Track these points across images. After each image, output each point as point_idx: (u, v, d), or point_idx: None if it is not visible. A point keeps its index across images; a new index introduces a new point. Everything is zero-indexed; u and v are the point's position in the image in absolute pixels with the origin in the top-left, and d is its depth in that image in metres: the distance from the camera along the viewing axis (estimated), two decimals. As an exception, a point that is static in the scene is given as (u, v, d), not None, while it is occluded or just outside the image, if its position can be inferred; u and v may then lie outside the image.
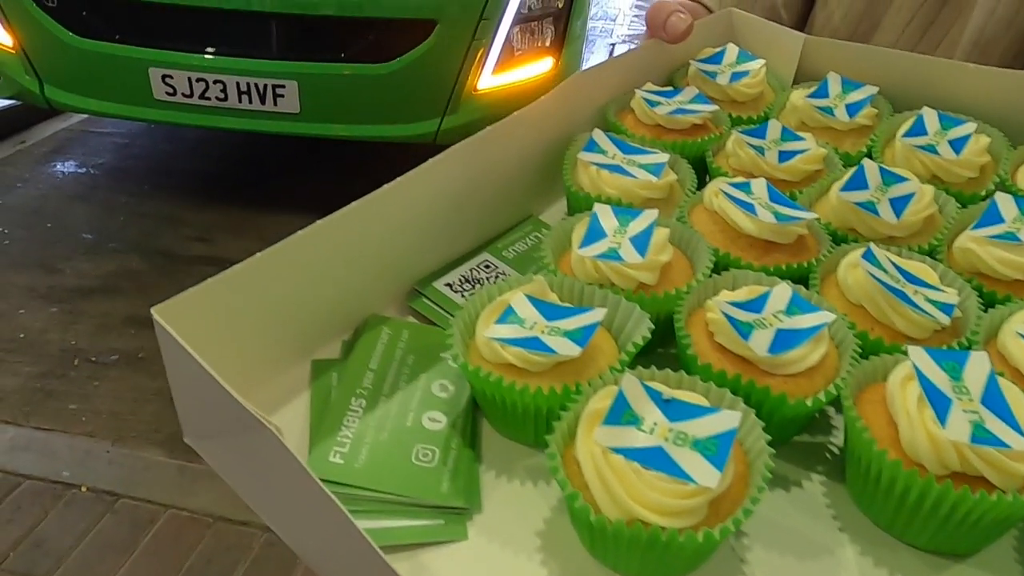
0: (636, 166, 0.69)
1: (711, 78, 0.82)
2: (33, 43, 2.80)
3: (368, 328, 0.61)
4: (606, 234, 0.60)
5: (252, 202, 3.21)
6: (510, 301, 0.54)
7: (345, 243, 0.57)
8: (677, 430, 0.44)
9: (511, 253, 0.71)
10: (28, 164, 3.39)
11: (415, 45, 2.67)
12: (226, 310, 0.50)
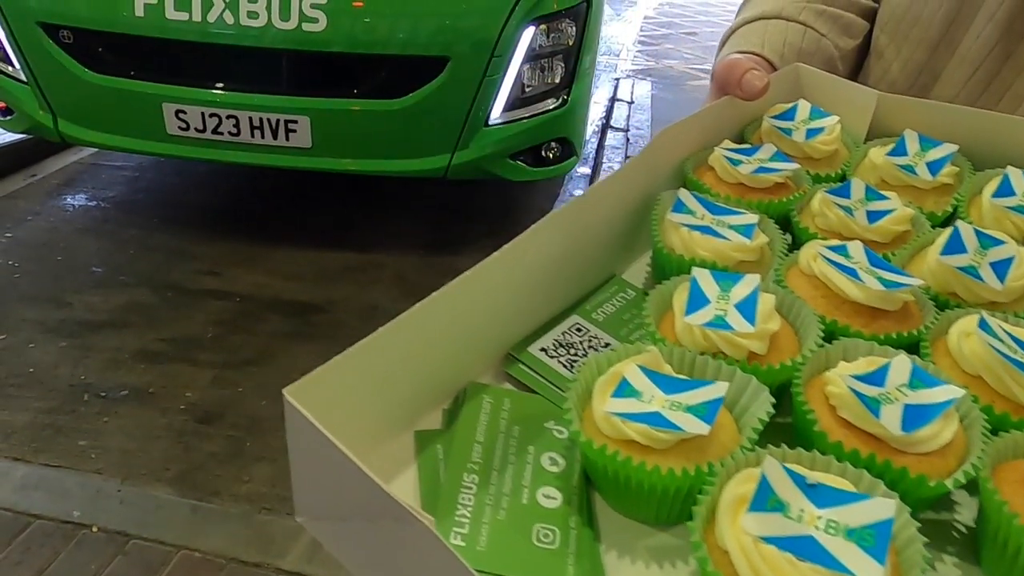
0: (726, 227, 0.67)
1: (786, 135, 0.81)
2: (48, 79, 2.83)
3: (469, 397, 0.60)
4: (709, 300, 0.59)
5: (262, 235, 3.22)
6: (624, 373, 0.53)
7: (451, 314, 0.56)
8: (827, 518, 0.42)
9: (600, 315, 0.69)
10: (39, 197, 3.41)
11: (427, 81, 2.70)
12: (344, 387, 0.50)
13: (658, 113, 5.02)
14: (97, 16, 2.67)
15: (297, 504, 0.47)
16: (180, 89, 2.72)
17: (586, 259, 0.69)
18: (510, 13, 2.64)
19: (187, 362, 2.42)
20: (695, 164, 0.79)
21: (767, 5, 0.82)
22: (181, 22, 2.61)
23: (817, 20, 0.80)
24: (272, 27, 2.59)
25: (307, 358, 2.46)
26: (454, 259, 3.18)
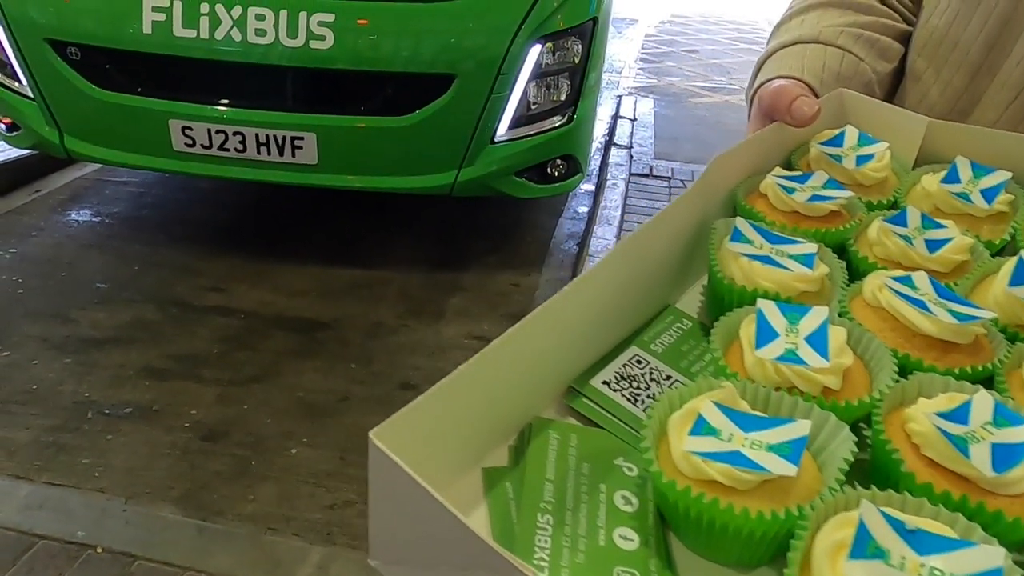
0: (786, 257, 0.66)
1: (836, 161, 0.80)
2: (55, 95, 2.83)
3: (535, 433, 0.58)
4: (778, 333, 0.57)
5: (266, 252, 3.21)
6: (700, 410, 0.52)
7: (519, 351, 0.55)
8: (931, 566, 0.41)
9: (659, 347, 0.68)
10: (43, 213, 3.41)
11: (434, 99, 2.70)
12: (425, 429, 0.49)
13: (661, 130, 5.04)
14: (105, 33, 2.68)
15: (373, 547, 0.46)
16: (187, 106, 2.73)
17: (642, 289, 0.68)
18: (517, 31, 2.65)
19: (192, 379, 2.41)
20: (746, 191, 0.78)
21: (803, 29, 0.81)
22: (189, 39, 2.61)
23: (855, 44, 0.80)
24: (280, 44, 2.59)
25: (312, 375, 2.46)
26: (459, 275, 3.17)
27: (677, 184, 3.90)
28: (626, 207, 3.54)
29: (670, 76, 7.13)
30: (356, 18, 2.61)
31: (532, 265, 3.33)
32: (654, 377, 0.63)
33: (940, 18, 0.77)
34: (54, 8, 2.70)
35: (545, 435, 0.58)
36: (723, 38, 9.67)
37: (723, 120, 5.62)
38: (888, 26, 0.82)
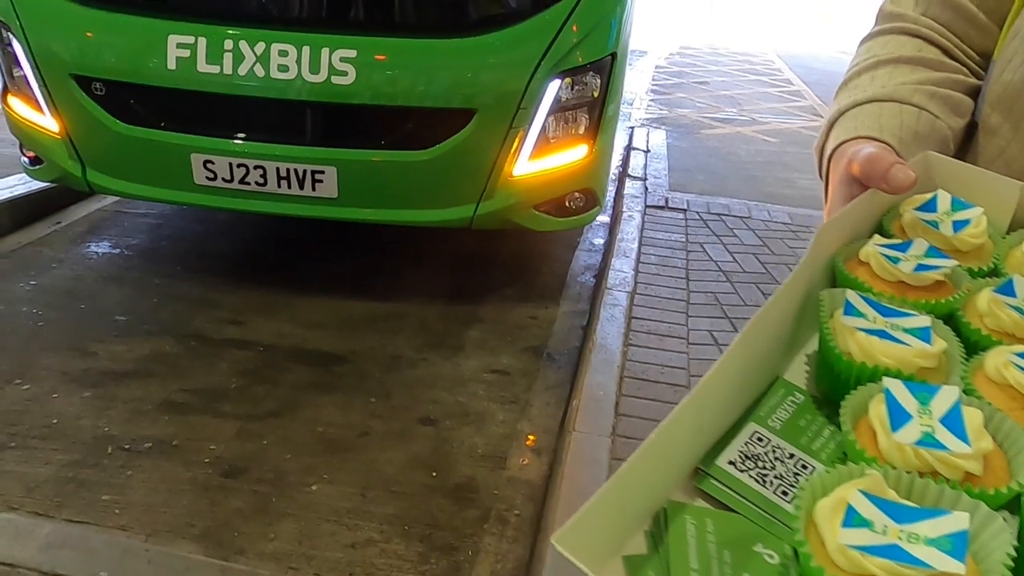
0: (901, 331, 0.65)
1: (933, 227, 0.78)
2: (79, 129, 2.86)
3: (671, 518, 0.57)
4: (911, 415, 0.56)
5: (284, 284, 3.22)
6: (847, 499, 0.50)
7: (662, 442, 0.54)
8: None
9: (776, 422, 0.67)
10: (63, 245, 3.43)
11: (454, 133, 2.72)
12: (604, 529, 0.49)
13: (674, 162, 5.06)
14: (130, 69, 2.71)
15: None
16: (209, 140, 2.75)
17: (756, 365, 0.67)
18: (537, 67, 2.67)
19: (211, 414, 2.40)
20: (845, 258, 0.76)
21: (874, 87, 0.81)
22: (212, 75, 2.64)
23: (930, 102, 0.79)
24: (302, 80, 2.62)
25: (331, 410, 2.44)
26: (476, 308, 3.17)
27: (693, 216, 3.90)
28: (643, 239, 3.54)
29: (681, 107, 7.17)
30: (377, 54, 2.64)
31: (549, 298, 3.32)
32: (778, 456, 0.62)
33: (1015, 73, 0.77)
34: (80, 44, 2.74)
35: (681, 520, 0.57)
36: (732, 69, 9.75)
37: (735, 151, 5.64)
38: (959, 81, 0.82)
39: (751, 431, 0.64)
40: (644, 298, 2.97)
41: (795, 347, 0.73)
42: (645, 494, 0.56)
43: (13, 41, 2.82)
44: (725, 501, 0.59)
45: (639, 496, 0.55)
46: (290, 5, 2.65)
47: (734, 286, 3.15)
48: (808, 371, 0.71)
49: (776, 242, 3.64)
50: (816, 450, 0.62)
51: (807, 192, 4.62)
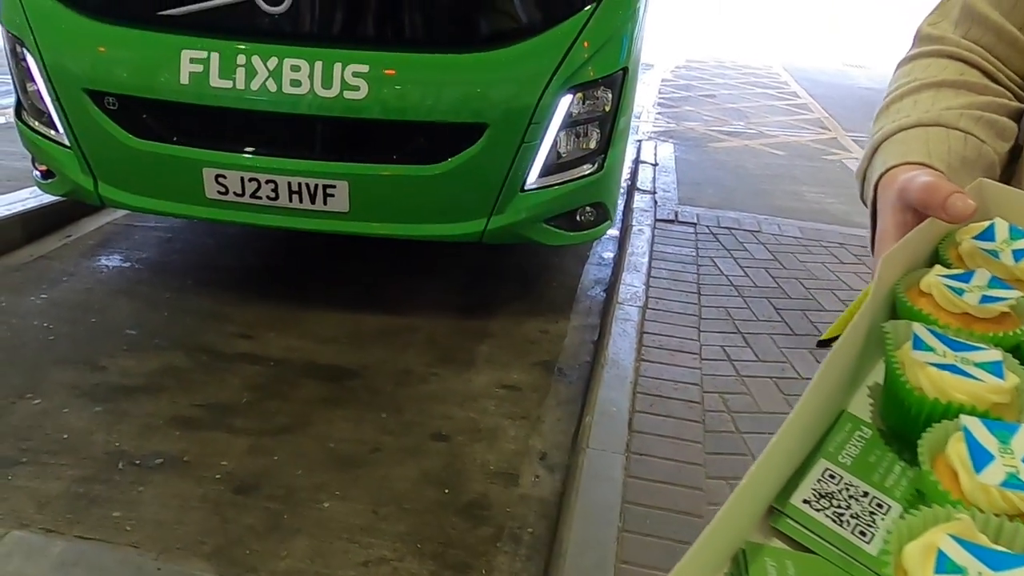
0: (972, 365, 0.63)
1: (993, 256, 0.76)
2: (91, 143, 2.87)
3: (751, 560, 0.56)
4: (993, 455, 0.55)
5: (294, 298, 3.21)
6: (938, 544, 0.49)
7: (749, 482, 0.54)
8: None
9: (846, 459, 0.66)
10: (74, 258, 3.43)
11: (466, 147, 2.72)
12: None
13: (683, 175, 5.05)
14: (143, 84, 2.72)
15: None
16: (221, 154, 2.75)
17: (824, 399, 0.66)
18: (549, 82, 2.67)
19: (222, 429, 2.39)
20: (905, 288, 0.75)
21: (918, 112, 0.80)
22: (225, 89, 2.65)
23: (976, 126, 0.78)
24: (314, 95, 2.62)
25: (342, 425, 2.43)
26: (487, 322, 3.16)
27: (703, 230, 3.89)
28: (653, 253, 3.53)
29: (689, 121, 7.18)
30: (390, 69, 2.64)
31: (560, 312, 3.31)
32: (852, 494, 0.61)
33: None
34: (93, 59, 2.75)
35: (761, 563, 0.56)
36: (739, 83, 9.76)
37: (743, 165, 5.64)
38: (1003, 105, 0.81)
39: (822, 468, 0.63)
40: (656, 313, 2.96)
41: (857, 379, 0.72)
42: (727, 536, 0.56)
43: (27, 56, 2.83)
44: (802, 541, 0.58)
45: (722, 539, 0.55)
46: (303, 20, 2.65)
47: (746, 301, 3.14)
48: (872, 404, 0.70)
49: (787, 256, 3.63)
50: (889, 487, 0.61)
51: (815, 205, 4.61)
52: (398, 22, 2.75)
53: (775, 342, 2.81)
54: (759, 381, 2.54)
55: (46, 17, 2.76)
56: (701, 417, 2.33)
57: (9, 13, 2.83)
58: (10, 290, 3.10)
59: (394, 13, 2.72)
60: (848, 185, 5.22)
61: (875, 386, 0.70)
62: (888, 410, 0.68)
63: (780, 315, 3.04)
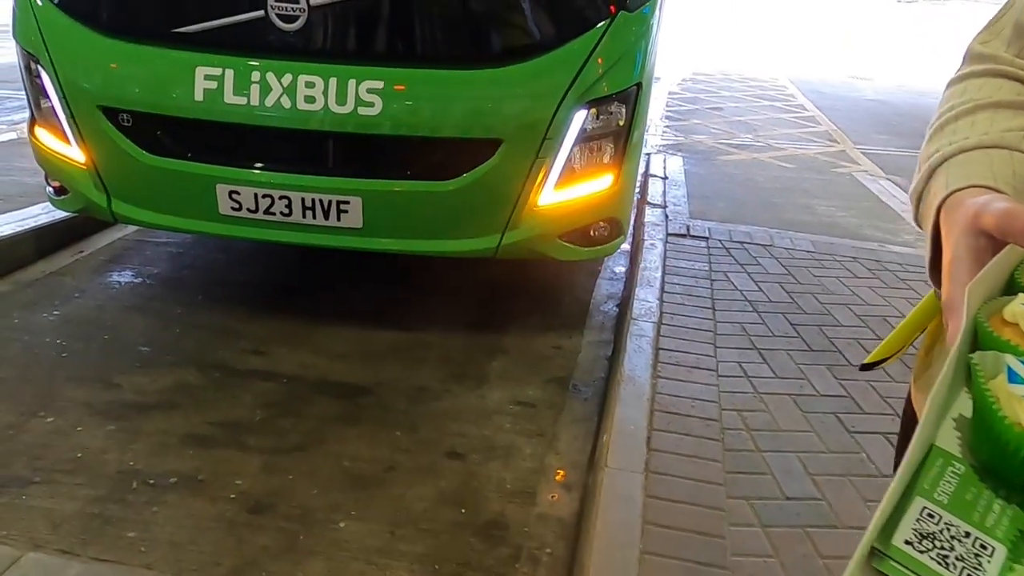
0: None
1: None
2: (105, 160, 2.87)
3: None
4: None
5: (306, 312, 3.20)
6: None
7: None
8: None
9: (943, 496, 0.64)
10: (85, 274, 3.43)
11: (480, 163, 2.71)
12: None
13: (693, 188, 5.04)
14: (157, 100, 2.72)
15: None
16: (234, 170, 2.75)
17: (925, 435, 0.64)
18: (563, 97, 2.67)
19: (236, 447, 2.37)
20: (987, 316, 0.74)
21: (977, 134, 0.78)
22: (239, 106, 2.65)
23: None
24: (328, 111, 2.62)
25: (357, 443, 2.41)
26: (500, 337, 3.14)
27: (715, 244, 3.87)
28: (666, 268, 3.51)
29: (697, 134, 7.18)
30: (404, 85, 2.63)
31: (573, 327, 3.29)
32: (954, 535, 0.59)
33: None
34: (108, 76, 2.76)
35: None
36: (745, 95, 9.77)
37: (753, 178, 5.62)
38: None
39: (920, 507, 0.60)
40: (670, 328, 2.94)
41: (942, 412, 0.70)
42: None
43: (42, 73, 2.84)
44: None
45: None
46: (317, 37, 2.65)
47: (761, 316, 3.12)
48: (960, 438, 0.68)
49: (800, 271, 3.61)
50: (991, 527, 0.59)
51: (827, 219, 4.59)
52: (412, 38, 2.75)
53: (792, 358, 2.79)
54: (777, 398, 2.52)
55: (61, 34, 2.77)
56: (720, 435, 2.30)
57: (24, 30, 2.84)
58: (23, 307, 3.09)
59: (408, 29, 2.72)
60: (858, 198, 5.20)
61: (961, 419, 0.68)
62: (981, 445, 0.66)
63: (796, 330, 3.01)
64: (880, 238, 4.25)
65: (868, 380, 2.67)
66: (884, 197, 5.25)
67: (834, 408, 2.48)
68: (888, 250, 4.01)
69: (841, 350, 2.88)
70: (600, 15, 2.67)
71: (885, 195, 5.32)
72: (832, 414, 2.45)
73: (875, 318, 3.18)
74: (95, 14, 2.75)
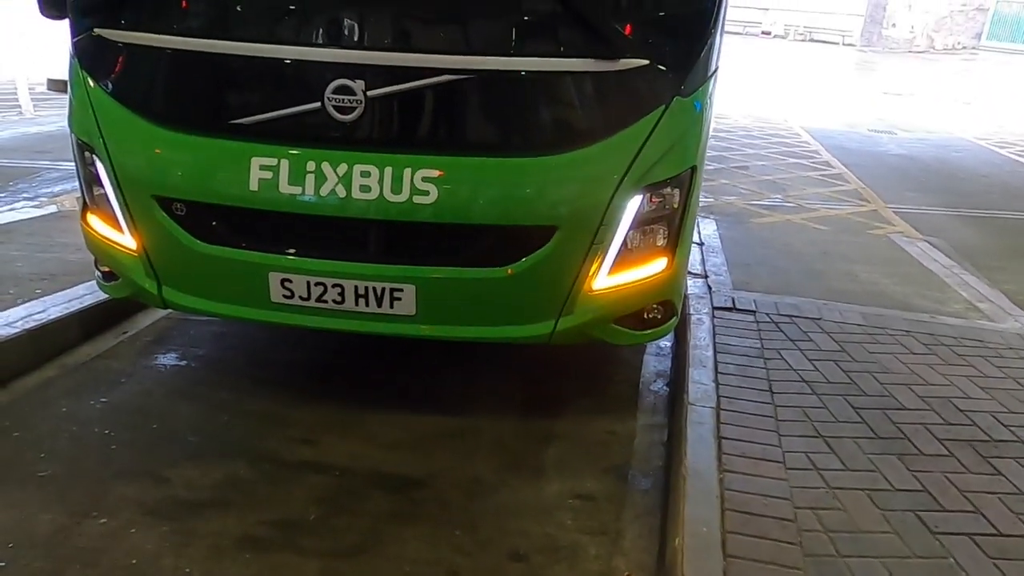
0: None
1: None
2: (156, 247, 2.86)
3: None
4: None
5: (352, 396, 3.15)
6: None
7: None
8: None
9: None
10: (131, 357, 3.40)
11: (535, 249, 2.67)
12: None
13: (731, 255, 4.98)
14: (212, 190, 2.72)
15: None
16: (287, 258, 2.73)
17: None
18: (619, 184, 2.64)
19: (292, 550, 2.29)
20: None
21: None
22: (294, 196, 2.63)
23: None
24: (383, 199, 2.60)
25: (416, 544, 2.33)
26: (552, 422, 3.07)
27: (763, 318, 3.80)
28: (716, 346, 3.44)
29: (726, 195, 7.15)
30: (460, 173, 2.62)
31: (625, 409, 3.21)
32: None
33: None
34: (164, 166, 2.76)
35: None
36: (770, 152, 9.77)
37: (789, 242, 5.57)
38: None
39: None
40: (730, 415, 2.85)
41: None
42: None
43: (96, 161, 2.85)
44: None
45: None
46: (373, 127, 2.65)
47: (820, 399, 3.03)
48: None
49: (855, 347, 3.52)
50: None
51: (872, 287, 4.51)
52: (467, 127, 2.74)
53: (860, 447, 2.69)
54: (851, 494, 2.42)
55: (117, 125, 2.79)
56: (797, 538, 2.20)
57: (81, 120, 2.86)
58: (69, 394, 3.06)
59: (463, 118, 2.72)
60: (899, 263, 5.12)
61: None
62: None
63: (859, 415, 2.92)
64: (929, 308, 4.16)
65: (943, 472, 2.56)
66: (925, 261, 5.17)
67: (912, 504, 2.38)
68: (940, 322, 3.92)
69: (909, 437, 2.78)
70: (656, 101, 2.65)
71: (925, 259, 5.24)
72: (911, 512, 2.34)
73: (938, 399, 3.08)
74: (151, 105, 2.77)
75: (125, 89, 2.77)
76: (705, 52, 2.74)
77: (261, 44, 2.61)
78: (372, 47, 2.60)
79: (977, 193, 7.99)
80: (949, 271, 4.95)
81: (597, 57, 2.56)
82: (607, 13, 2.65)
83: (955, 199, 7.57)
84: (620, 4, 2.74)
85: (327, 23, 2.65)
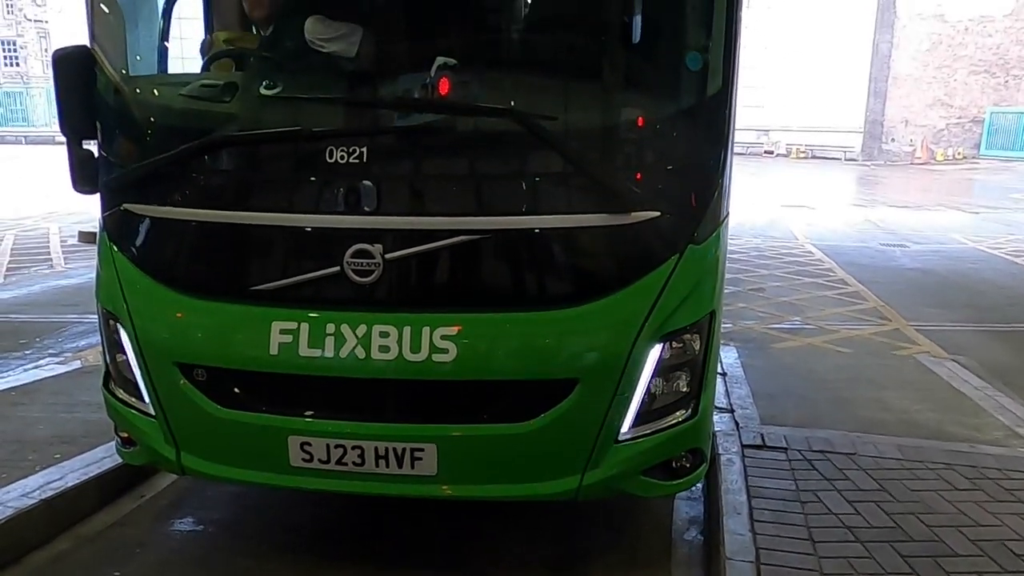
0: None
1: None
2: (176, 414, 2.85)
3: None
4: None
5: (372, 558, 3.04)
6: None
7: None
8: None
9: None
10: (147, 523, 3.32)
11: (556, 403, 2.63)
12: None
13: (755, 385, 4.90)
14: (234, 355, 2.74)
15: None
16: (307, 422, 2.71)
17: None
18: (639, 334, 2.63)
19: None
20: None
21: None
22: (313, 358, 2.64)
23: None
24: (402, 359, 2.60)
25: None
26: (582, 583, 2.92)
27: (795, 456, 3.68)
28: (750, 489, 3.31)
29: (744, 319, 7.12)
30: (479, 330, 2.63)
31: (658, 563, 3.07)
32: None
33: None
34: (186, 333, 2.80)
35: None
36: (784, 272, 9.81)
37: (813, 368, 5.48)
38: None
39: None
40: (772, 570, 2.70)
41: None
42: None
43: (120, 330, 2.90)
44: None
45: None
46: (391, 288, 2.68)
47: (866, 547, 2.87)
48: None
49: (895, 484, 3.38)
50: None
51: (904, 416, 4.39)
52: (484, 284, 2.77)
53: (914, 604, 2.52)
54: (911, 662, 2.24)
55: (143, 295, 2.84)
56: None
57: (107, 292, 2.93)
58: (84, 569, 2.97)
59: (479, 276, 2.75)
60: (929, 386, 5.00)
61: None
62: None
63: (909, 565, 2.75)
64: (967, 436, 4.02)
65: (1007, 631, 2.38)
66: (956, 383, 5.05)
67: (979, 672, 2.20)
68: (981, 452, 3.77)
69: (965, 589, 2.61)
70: (670, 251, 2.68)
71: (956, 380, 5.12)
72: None
73: (991, 543, 2.91)
74: (175, 274, 2.84)
75: (150, 259, 2.85)
76: (715, 199, 2.80)
77: (280, 213, 2.71)
78: (389, 212, 2.66)
79: (999, 306, 7.90)
80: (983, 393, 4.82)
81: (609, 211, 2.62)
82: (618, 168, 2.74)
83: (977, 313, 7.48)
84: (630, 159, 2.83)
85: (344, 191, 2.71)
